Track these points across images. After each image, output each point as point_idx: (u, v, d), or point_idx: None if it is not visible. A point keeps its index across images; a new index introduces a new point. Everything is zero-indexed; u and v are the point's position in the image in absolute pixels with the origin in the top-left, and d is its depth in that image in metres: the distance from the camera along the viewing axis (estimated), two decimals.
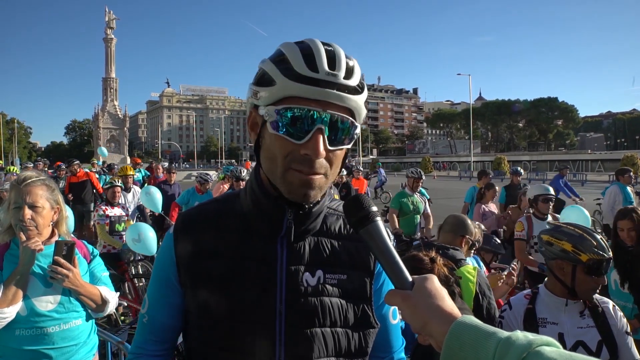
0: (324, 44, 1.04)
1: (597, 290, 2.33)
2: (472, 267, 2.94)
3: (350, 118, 1.04)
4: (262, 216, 1.14)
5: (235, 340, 1.12)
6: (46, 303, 2.25)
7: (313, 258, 1.16)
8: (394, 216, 7.14)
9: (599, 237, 2.34)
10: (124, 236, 6.46)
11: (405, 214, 7.14)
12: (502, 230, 7.50)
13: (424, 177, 7.58)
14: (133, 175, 8.59)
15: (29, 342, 2.20)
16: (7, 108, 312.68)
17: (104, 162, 21.16)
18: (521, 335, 0.75)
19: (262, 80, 1.04)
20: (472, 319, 0.81)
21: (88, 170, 13.03)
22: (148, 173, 15.53)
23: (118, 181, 6.90)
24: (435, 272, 2.23)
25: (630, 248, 3.73)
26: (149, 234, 5.79)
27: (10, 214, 2.31)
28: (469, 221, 3.60)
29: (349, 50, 1.06)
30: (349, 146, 1.09)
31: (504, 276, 3.65)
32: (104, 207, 6.56)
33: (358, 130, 1.08)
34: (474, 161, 52.81)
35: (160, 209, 7.68)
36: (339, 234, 1.21)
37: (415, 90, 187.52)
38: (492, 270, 4.20)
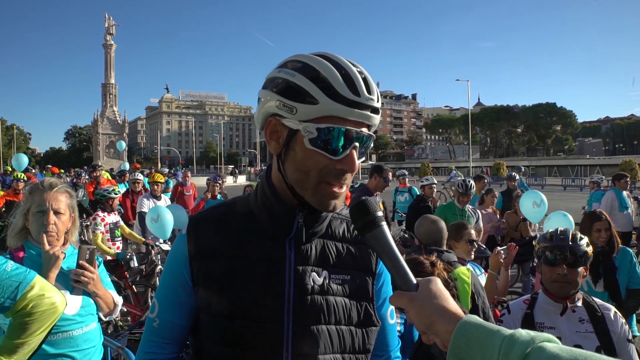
0: (350, 63, 1.10)
1: (576, 288, 2.38)
2: (465, 268, 3.02)
3: (372, 133, 1.14)
4: (273, 219, 1.20)
5: (245, 337, 1.17)
6: (71, 307, 2.28)
7: (319, 259, 1.22)
8: None
9: (566, 232, 2.46)
10: (121, 244, 6.44)
11: None
12: (499, 236, 7.53)
13: (472, 191, 6.74)
14: (163, 182, 8.30)
15: (54, 346, 2.23)
16: (7, 114, 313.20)
17: (111, 169, 20.99)
18: (524, 332, 0.79)
19: (294, 94, 1.07)
20: (477, 318, 0.85)
21: (109, 178, 12.81)
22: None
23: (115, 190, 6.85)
24: (435, 275, 2.27)
25: (599, 248, 3.84)
26: (167, 216, 5.89)
27: (32, 217, 2.34)
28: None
29: (349, 55, 1.12)
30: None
31: (502, 253, 3.77)
32: (101, 215, 6.33)
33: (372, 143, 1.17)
34: (472, 166, 52.72)
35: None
36: (343, 237, 1.27)
37: (414, 96, 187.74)
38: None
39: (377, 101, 1.10)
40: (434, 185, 8.30)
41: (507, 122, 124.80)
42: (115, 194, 6.52)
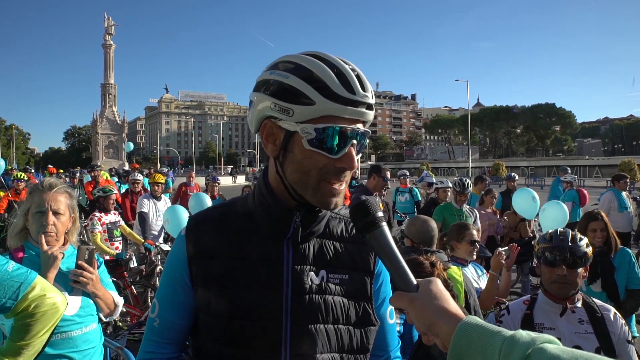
0: (342, 61, 1.11)
1: (575, 288, 2.38)
2: (457, 268, 3.08)
3: (368, 130, 1.15)
4: (271, 219, 1.21)
5: (245, 337, 1.17)
6: (70, 307, 2.27)
7: (317, 259, 1.23)
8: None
9: (565, 232, 2.46)
10: (120, 244, 6.45)
11: None
12: (499, 236, 7.52)
13: (469, 190, 6.73)
14: (163, 182, 8.15)
15: (54, 346, 2.21)
16: (6, 114, 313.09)
17: (110, 169, 20.65)
18: (524, 333, 0.80)
19: (288, 95, 1.08)
20: (477, 319, 0.86)
21: (107, 178, 12.53)
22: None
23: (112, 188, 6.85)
24: (434, 275, 2.29)
25: (597, 248, 3.83)
26: (183, 215, 6.12)
27: (31, 218, 2.35)
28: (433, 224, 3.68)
29: (348, 56, 1.14)
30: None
31: (503, 254, 3.72)
32: (98, 215, 6.35)
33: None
34: (472, 167, 52.66)
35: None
36: (341, 236, 1.28)
37: (413, 96, 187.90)
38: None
39: (371, 97, 1.10)
40: (449, 189, 8.28)
41: (506, 122, 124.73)
42: (105, 192, 6.51)
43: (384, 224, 1.01)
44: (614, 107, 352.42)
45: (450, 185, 8.21)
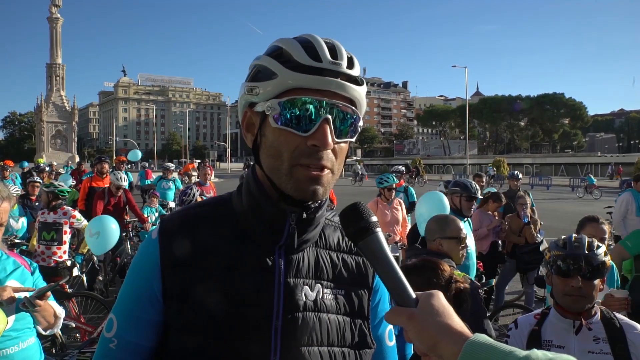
0: (323, 39, 1.12)
1: (591, 302, 2.37)
2: (461, 274, 3.12)
3: (355, 109, 1.13)
4: (262, 222, 1.18)
5: None
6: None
7: (312, 271, 1.20)
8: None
9: (581, 239, 2.45)
10: (52, 248, 6.31)
11: None
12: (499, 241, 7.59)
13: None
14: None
15: None
16: None
17: (51, 164, 19.96)
18: (540, 354, 0.79)
19: (259, 75, 1.12)
20: (486, 338, 0.85)
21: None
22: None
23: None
24: (451, 292, 2.29)
25: None
26: (112, 226, 6.07)
27: None
28: (450, 220, 3.68)
29: (331, 36, 1.16)
30: (353, 139, 1.16)
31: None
32: (42, 211, 6.55)
33: (361, 123, 1.16)
34: (470, 164, 52.83)
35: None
36: (338, 247, 1.27)
37: (404, 84, 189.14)
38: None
39: (350, 67, 1.10)
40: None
41: (508, 114, 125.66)
42: (46, 187, 6.58)
43: (379, 230, 1.00)
44: (630, 98, 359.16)
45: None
